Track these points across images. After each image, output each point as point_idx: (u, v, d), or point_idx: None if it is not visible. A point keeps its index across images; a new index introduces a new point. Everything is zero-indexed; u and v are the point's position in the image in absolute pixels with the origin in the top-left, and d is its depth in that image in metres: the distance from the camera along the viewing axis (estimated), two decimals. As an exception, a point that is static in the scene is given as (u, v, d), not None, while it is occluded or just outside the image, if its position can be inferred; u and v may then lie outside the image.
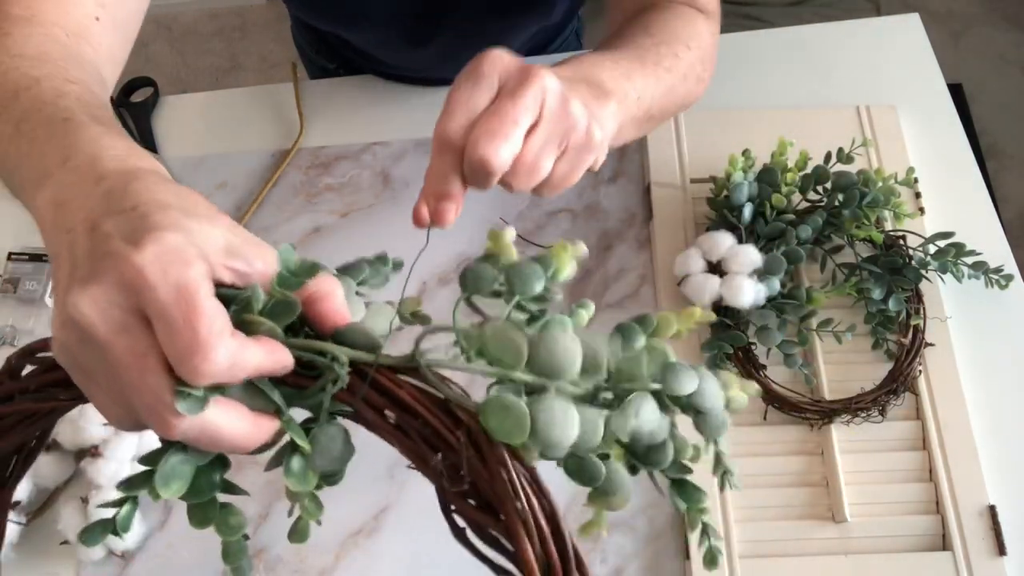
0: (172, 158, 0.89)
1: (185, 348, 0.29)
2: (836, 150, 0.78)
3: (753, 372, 0.73)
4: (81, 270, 0.31)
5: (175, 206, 0.33)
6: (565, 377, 0.32)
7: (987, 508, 0.68)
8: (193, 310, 0.29)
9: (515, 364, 0.32)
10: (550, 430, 0.31)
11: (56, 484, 0.73)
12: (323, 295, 0.34)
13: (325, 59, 1.03)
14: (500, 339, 0.33)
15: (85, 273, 0.31)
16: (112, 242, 0.31)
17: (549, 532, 0.31)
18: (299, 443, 0.33)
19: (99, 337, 0.30)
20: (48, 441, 0.35)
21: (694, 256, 0.75)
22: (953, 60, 2.05)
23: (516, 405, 0.31)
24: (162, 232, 0.31)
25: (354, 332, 0.33)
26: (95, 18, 0.56)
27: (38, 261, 0.82)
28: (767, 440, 0.72)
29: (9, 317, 0.81)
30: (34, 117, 0.42)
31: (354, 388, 0.33)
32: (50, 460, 0.72)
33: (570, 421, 0.32)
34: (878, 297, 0.74)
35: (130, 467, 0.70)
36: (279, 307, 0.32)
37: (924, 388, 0.73)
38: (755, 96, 0.90)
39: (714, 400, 0.35)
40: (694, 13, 0.68)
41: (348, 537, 0.71)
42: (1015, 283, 0.78)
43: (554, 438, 0.31)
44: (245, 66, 2.13)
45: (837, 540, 0.68)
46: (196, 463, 0.33)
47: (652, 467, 0.34)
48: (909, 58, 0.93)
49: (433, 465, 0.33)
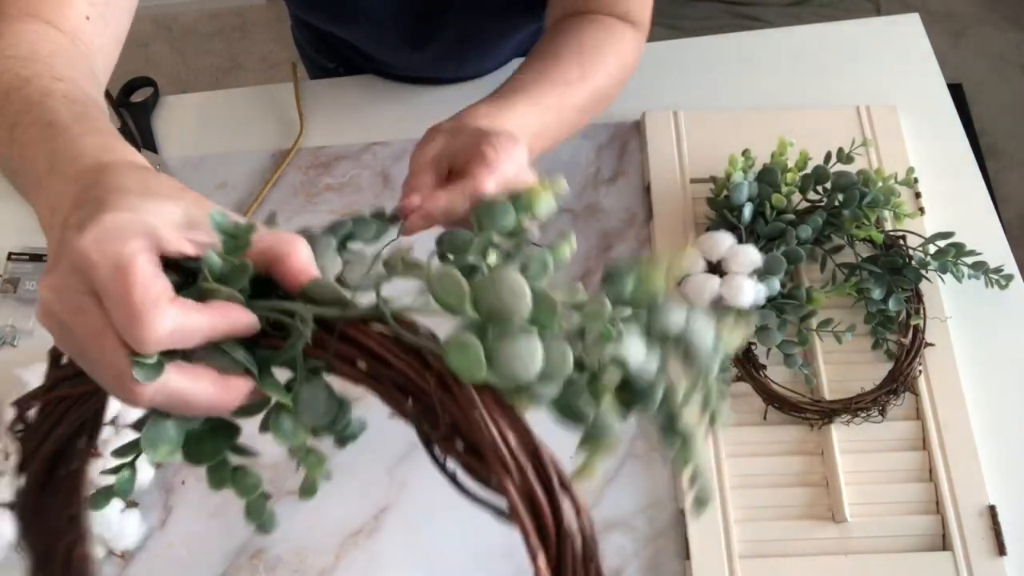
0: (172, 158, 0.90)
1: (125, 320, 0.31)
2: (836, 150, 0.78)
3: (753, 372, 0.73)
4: (49, 261, 0.34)
5: (134, 190, 0.34)
6: (514, 316, 0.32)
7: (987, 508, 0.68)
8: (127, 283, 0.31)
9: (459, 305, 0.33)
10: (512, 363, 0.32)
11: None
12: (283, 255, 0.35)
13: (325, 58, 1.03)
14: (442, 281, 0.33)
15: (50, 263, 0.34)
16: (69, 232, 0.33)
17: (530, 465, 0.31)
18: (280, 400, 0.34)
19: (63, 320, 0.32)
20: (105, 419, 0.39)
21: (694, 256, 0.75)
22: (953, 60, 2.05)
23: (471, 341, 0.31)
24: (106, 215, 0.32)
25: (320, 287, 0.34)
26: (85, 17, 0.57)
27: (38, 261, 0.82)
28: (767, 440, 0.72)
29: (9, 317, 0.81)
30: (24, 120, 0.44)
31: (324, 343, 0.34)
32: None
33: (532, 354, 0.32)
34: (878, 297, 0.74)
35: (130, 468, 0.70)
36: (233, 271, 0.33)
37: (924, 388, 0.73)
38: (755, 96, 0.90)
39: (703, 335, 0.35)
40: (623, 29, 0.70)
41: (348, 537, 0.71)
42: (1015, 283, 0.78)
43: (517, 371, 0.32)
44: (245, 66, 2.14)
45: (837, 540, 0.68)
46: (185, 427, 0.35)
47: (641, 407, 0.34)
48: (909, 58, 0.93)
49: (408, 411, 0.33)
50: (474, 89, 0.91)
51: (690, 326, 0.35)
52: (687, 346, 0.35)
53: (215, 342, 0.33)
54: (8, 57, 0.50)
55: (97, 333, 0.32)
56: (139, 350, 0.31)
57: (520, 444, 0.32)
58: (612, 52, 0.68)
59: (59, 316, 0.33)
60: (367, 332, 0.34)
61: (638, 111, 0.88)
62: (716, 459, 0.71)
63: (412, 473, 0.73)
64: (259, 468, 0.76)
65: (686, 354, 0.35)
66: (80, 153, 0.39)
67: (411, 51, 0.87)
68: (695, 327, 0.35)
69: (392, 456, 0.74)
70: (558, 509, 0.31)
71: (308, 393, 0.35)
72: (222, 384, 0.33)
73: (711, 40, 0.95)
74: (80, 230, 0.32)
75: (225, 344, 0.34)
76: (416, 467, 0.73)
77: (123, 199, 0.34)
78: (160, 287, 0.32)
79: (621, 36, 0.70)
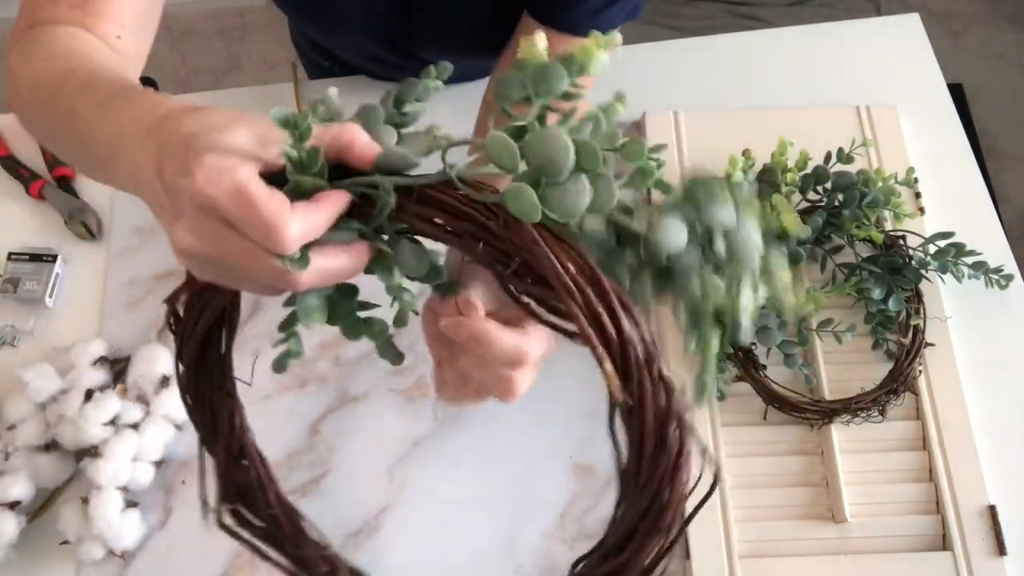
0: (172, 158, 0.89)
1: (263, 234, 0.36)
2: (836, 150, 0.78)
3: (753, 372, 0.73)
4: (168, 210, 0.39)
5: (200, 130, 0.39)
6: (560, 165, 0.37)
7: (987, 508, 0.68)
8: (252, 205, 0.36)
9: (511, 162, 0.37)
10: (562, 201, 0.37)
11: (56, 484, 0.73)
12: (346, 143, 0.39)
13: (320, 56, 1.03)
14: (494, 144, 0.37)
15: (172, 212, 0.39)
16: (176, 181, 0.38)
17: (590, 288, 0.36)
18: (381, 248, 0.41)
19: (210, 254, 0.38)
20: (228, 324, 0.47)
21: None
22: (953, 60, 2.04)
23: (525, 189, 0.36)
24: (202, 155, 0.37)
25: (389, 158, 0.39)
26: (116, 37, 0.60)
27: (38, 261, 0.82)
28: (767, 440, 0.72)
29: (9, 317, 0.81)
30: (79, 103, 0.49)
31: (405, 206, 0.39)
32: (50, 460, 0.72)
33: (580, 192, 0.37)
34: (878, 297, 0.74)
35: (130, 467, 0.70)
36: (309, 157, 0.38)
37: (924, 388, 0.73)
38: (755, 96, 0.90)
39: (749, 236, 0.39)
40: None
41: (348, 537, 0.71)
42: (1015, 283, 0.78)
43: (567, 207, 0.37)
44: (245, 66, 2.13)
45: (837, 540, 0.68)
46: (324, 295, 0.43)
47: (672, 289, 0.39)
48: (909, 58, 0.93)
49: (481, 253, 0.38)
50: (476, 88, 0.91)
51: (740, 227, 0.39)
52: (731, 244, 0.39)
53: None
54: (47, 59, 0.55)
55: (244, 251, 0.37)
56: (282, 252, 0.37)
57: (580, 271, 0.36)
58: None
59: (201, 251, 0.38)
60: (440, 192, 0.39)
61: (638, 111, 0.88)
62: (716, 459, 0.71)
63: (412, 473, 0.73)
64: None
65: (730, 251, 0.39)
66: (140, 116, 0.43)
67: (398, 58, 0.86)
68: (744, 228, 0.39)
69: (392, 456, 0.74)
70: (618, 321, 0.36)
71: (399, 250, 0.41)
72: (350, 252, 0.40)
73: (711, 40, 0.95)
74: (187, 176, 0.37)
75: (339, 223, 0.40)
76: (416, 467, 0.73)
77: (204, 138, 0.38)
78: (277, 199, 0.37)
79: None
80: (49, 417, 0.73)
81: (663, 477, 0.36)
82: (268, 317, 0.79)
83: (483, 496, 0.72)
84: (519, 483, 0.73)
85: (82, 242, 0.85)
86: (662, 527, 0.36)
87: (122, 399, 0.73)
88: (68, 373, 0.75)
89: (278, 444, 0.75)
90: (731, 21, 1.29)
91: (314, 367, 0.78)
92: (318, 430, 0.75)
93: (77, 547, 0.70)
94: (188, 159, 0.37)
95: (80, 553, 0.70)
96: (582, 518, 0.71)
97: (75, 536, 0.69)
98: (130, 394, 0.75)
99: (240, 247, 0.37)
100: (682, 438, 0.36)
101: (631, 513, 0.37)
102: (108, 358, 0.77)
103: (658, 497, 0.36)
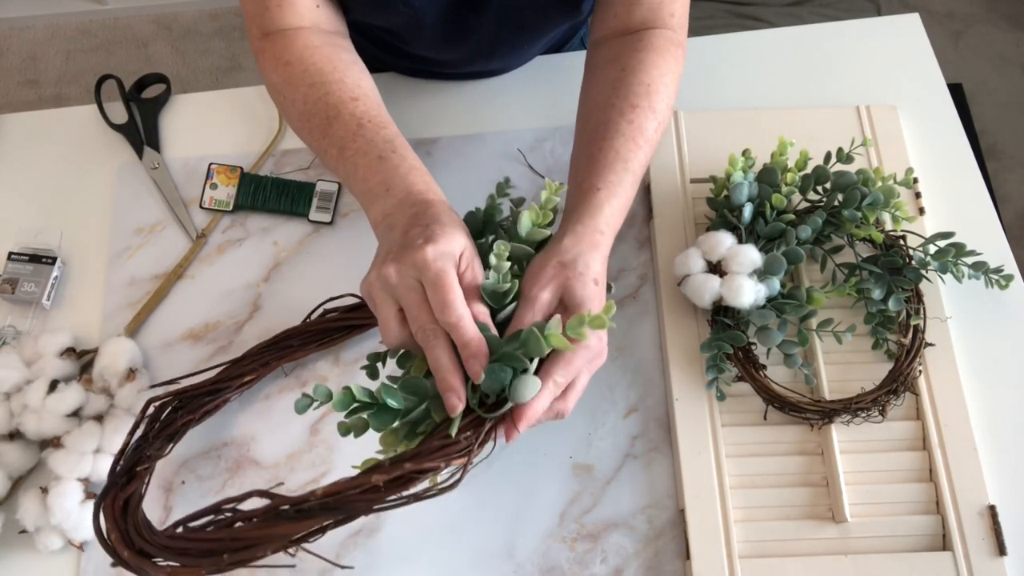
0: (173, 158, 0.89)
1: (440, 307, 0.54)
2: (836, 150, 0.78)
3: (753, 372, 0.73)
4: (394, 253, 0.57)
5: (448, 225, 0.58)
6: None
7: (987, 508, 0.68)
8: (445, 288, 0.54)
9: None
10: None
11: (20, 474, 0.73)
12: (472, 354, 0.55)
13: None
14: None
15: (397, 255, 0.57)
16: (416, 241, 0.56)
17: None
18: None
19: (398, 292, 0.56)
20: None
21: (694, 256, 0.75)
22: (953, 60, 2.05)
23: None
24: (439, 240, 0.56)
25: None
26: (316, 6, 0.72)
27: (37, 262, 0.82)
28: (767, 440, 0.72)
29: (8, 317, 0.81)
30: (351, 146, 0.64)
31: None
32: (13, 449, 0.72)
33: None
34: (878, 297, 0.74)
35: (91, 459, 0.71)
36: (491, 295, 0.59)
37: (924, 388, 0.73)
38: (755, 96, 0.90)
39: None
40: (673, 49, 0.73)
41: (348, 537, 0.71)
42: (1015, 283, 0.78)
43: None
44: (245, 66, 2.13)
45: (837, 540, 0.68)
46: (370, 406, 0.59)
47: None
48: (909, 58, 0.93)
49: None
50: (498, 85, 0.91)
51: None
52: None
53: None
54: (308, 86, 0.67)
55: (420, 304, 0.55)
56: (445, 318, 0.54)
57: None
58: (672, 79, 0.71)
59: (394, 289, 0.56)
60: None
61: (638, 111, 0.87)
62: (716, 459, 0.71)
63: (412, 473, 0.73)
64: (260, 468, 0.76)
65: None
66: (411, 188, 0.61)
67: (444, 43, 0.85)
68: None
69: (392, 456, 0.73)
70: None
71: (494, 375, 0.55)
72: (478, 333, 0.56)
73: (711, 40, 0.95)
74: (422, 245, 0.55)
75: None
76: (416, 467, 0.73)
77: (445, 230, 0.57)
78: (458, 294, 0.55)
79: (675, 56, 0.73)
80: (13, 406, 0.72)
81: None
82: (265, 319, 0.79)
83: (483, 496, 0.72)
84: (519, 483, 0.73)
85: (82, 242, 0.85)
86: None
87: (86, 391, 0.73)
88: (35, 363, 0.75)
89: (278, 444, 0.75)
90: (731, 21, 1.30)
91: (314, 367, 0.78)
92: (318, 430, 0.75)
93: (35, 536, 0.70)
94: (428, 235, 0.56)
95: (38, 543, 0.69)
96: (582, 518, 0.71)
97: (33, 526, 0.69)
98: (95, 386, 0.75)
99: (419, 300, 0.55)
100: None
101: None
102: (75, 349, 0.77)
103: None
